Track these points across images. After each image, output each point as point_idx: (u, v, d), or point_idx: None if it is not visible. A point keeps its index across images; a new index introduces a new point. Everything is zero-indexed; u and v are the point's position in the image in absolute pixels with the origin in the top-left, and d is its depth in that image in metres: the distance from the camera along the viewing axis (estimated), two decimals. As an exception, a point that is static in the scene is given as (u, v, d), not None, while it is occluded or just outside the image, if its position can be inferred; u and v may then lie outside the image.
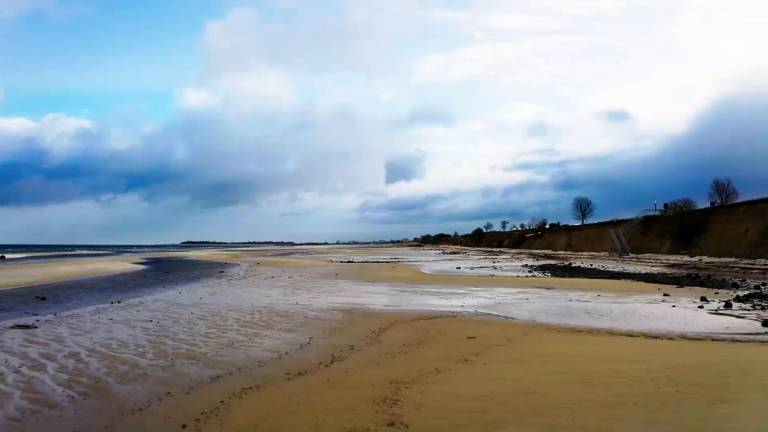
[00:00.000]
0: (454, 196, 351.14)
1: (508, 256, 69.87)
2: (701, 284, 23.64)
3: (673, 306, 16.40)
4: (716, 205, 52.34)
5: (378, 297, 20.33)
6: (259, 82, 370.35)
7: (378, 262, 57.42)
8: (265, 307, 17.54)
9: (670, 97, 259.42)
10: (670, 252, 50.24)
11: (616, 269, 36.60)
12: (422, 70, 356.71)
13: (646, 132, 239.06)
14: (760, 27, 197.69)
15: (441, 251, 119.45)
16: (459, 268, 41.52)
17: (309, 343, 10.83)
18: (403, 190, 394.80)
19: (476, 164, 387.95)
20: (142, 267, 53.08)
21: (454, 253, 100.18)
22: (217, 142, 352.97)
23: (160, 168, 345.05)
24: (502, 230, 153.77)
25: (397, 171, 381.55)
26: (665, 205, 62.52)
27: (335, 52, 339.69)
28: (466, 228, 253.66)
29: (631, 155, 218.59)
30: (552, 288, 22.48)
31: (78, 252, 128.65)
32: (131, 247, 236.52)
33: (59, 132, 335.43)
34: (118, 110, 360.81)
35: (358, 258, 71.04)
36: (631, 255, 54.15)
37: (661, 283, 24.90)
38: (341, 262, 57.87)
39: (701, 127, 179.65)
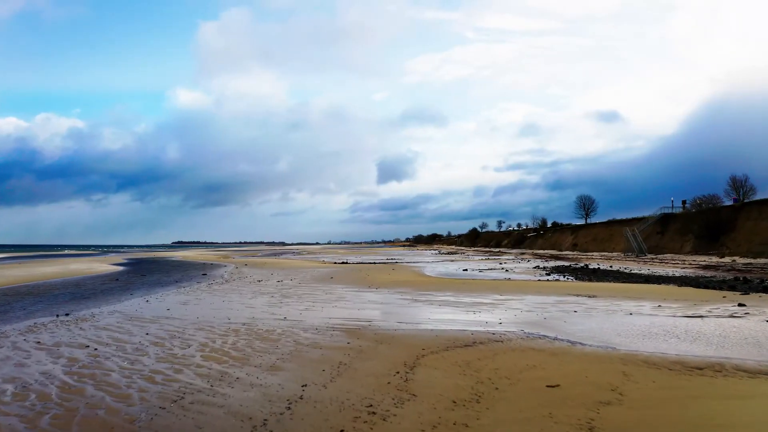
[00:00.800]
0: (445, 196, 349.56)
1: (511, 257, 66.23)
2: (765, 290, 20.00)
3: (772, 322, 12.66)
4: (738, 202, 48.86)
5: (386, 308, 16.45)
6: (252, 83, 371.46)
7: (374, 263, 53.53)
8: (244, 324, 13.62)
9: (661, 98, 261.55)
10: (693, 252, 46.71)
11: (643, 271, 32.96)
12: (415, 71, 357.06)
13: (638, 132, 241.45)
14: (751, 28, 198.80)
15: (437, 251, 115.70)
16: (466, 270, 37.73)
17: (301, 397, 6.94)
18: (395, 190, 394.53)
19: (468, 164, 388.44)
20: (121, 268, 49.27)
21: (451, 253, 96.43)
22: (210, 142, 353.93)
23: (152, 168, 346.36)
24: (498, 230, 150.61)
25: (389, 171, 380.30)
26: (683, 201, 58.96)
27: (328, 52, 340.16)
28: (458, 228, 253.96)
29: (622, 156, 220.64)
30: (594, 296, 18.71)
31: (64, 252, 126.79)
32: (121, 247, 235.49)
33: (51, 132, 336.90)
34: (111, 110, 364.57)
35: (352, 259, 67.10)
36: (648, 255, 50.59)
37: (712, 288, 21.27)
38: (335, 263, 53.92)
39: (693, 127, 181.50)
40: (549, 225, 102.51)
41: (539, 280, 27.47)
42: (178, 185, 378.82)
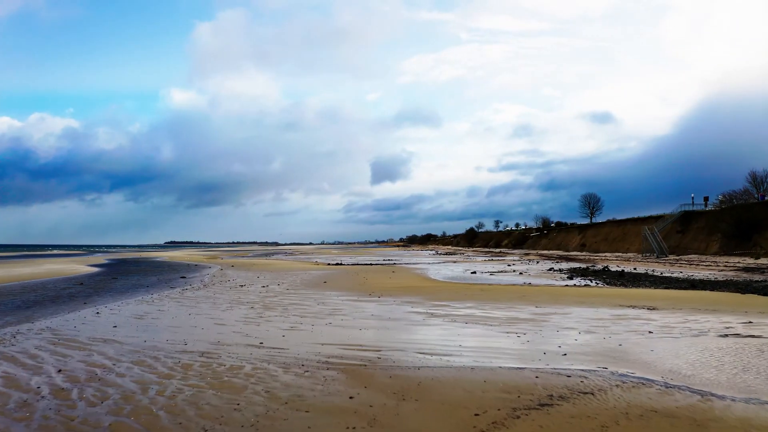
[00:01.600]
0: (439, 196, 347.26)
1: (515, 258, 62.48)
2: None
3: None
4: (765, 198, 45.27)
5: (397, 327, 12.61)
6: (246, 83, 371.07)
7: (371, 264, 49.67)
8: (202, 354, 9.77)
9: (654, 99, 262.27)
10: (720, 253, 43.06)
11: (676, 275, 29.31)
12: (409, 71, 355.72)
13: (631, 133, 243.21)
14: (743, 30, 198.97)
15: (434, 252, 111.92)
16: (474, 272, 33.94)
17: None
18: (388, 190, 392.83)
19: (461, 165, 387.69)
20: (96, 270, 45.42)
21: (449, 253, 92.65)
22: (204, 142, 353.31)
23: (146, 168, 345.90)
24: (496, 230, 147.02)
25: (383, 171, 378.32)
26: (705, 198, 55.09)
27: (323, 53, 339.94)
28: (452, 228, 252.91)
29: (615, 156, 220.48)
30: (653, 308, 14.98)
31: (52, 252, 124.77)
32: (113, 247, 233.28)
33: (45, 132, 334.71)
34: (105, 110, 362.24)
35: (346, 260, 63.19)
36: (670, 257, 46.93)
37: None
38: (329, 264, 50.02)
39: (685, 128, 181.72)
40: (552, 224, 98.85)
41: (566, 285, 23.71)
42: (172, 185, 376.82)
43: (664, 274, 29.52)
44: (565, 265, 41.91)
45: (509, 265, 43.06)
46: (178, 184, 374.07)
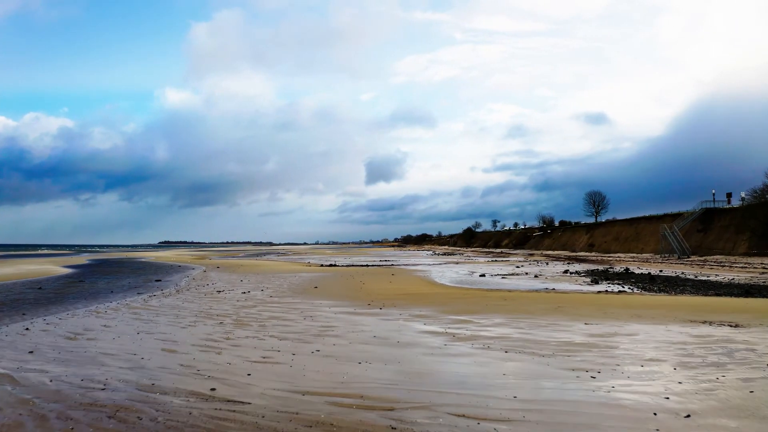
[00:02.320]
0: (433, 196, 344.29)
1: (520, 258, 59.09)
2: None
3: None
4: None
5: (410, 359, 9.13)
6: (242, 83, 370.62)
7: (367, 265, 46.22)
8: (115, 411, 6.30)
9: (648, 99, 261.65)
10: (749, 253, 39.78)
11: (713, 278, 26.01)
12: (403, 71, 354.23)
13: (625, 134, 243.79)
14: (737, 31, 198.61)
15: (431, 252, 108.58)
16: (483, 275, 30.52)
17: None
18: (383, 190, 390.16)
19: (456, 165, 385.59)
20: (70, 271, 42.21)
21: (448, 254, 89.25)
22: (199, 142, 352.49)
23: (141, 168, 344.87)
24: (494, 229, 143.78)
25: (378, 171, 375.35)
26: (728, 195, 51.38)
27: (318, 53, 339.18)
28: (446, 228, 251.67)
29: (610, 157, 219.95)
30: (735, 324, 11.61)
31: (39, 252, 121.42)
32: (105, 246, 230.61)
33: (39, 131, 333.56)
34: (100, 110, 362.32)
35: (341, 260, 59.68)
36: (692, 257, 43.56)
37: None
38: (322, 266, 46.53)
39: (679, 129, 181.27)
40: (555, 224, 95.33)
41: (599, 292, 20.34)
42: (166, 185, 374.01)
43: (698, 278, 26.21)
44: (578, 267, 38.59)
45: (518, 267, 39.68)
46: (173, 183, 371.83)
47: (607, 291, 20.58)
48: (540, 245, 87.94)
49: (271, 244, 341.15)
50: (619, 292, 20.29)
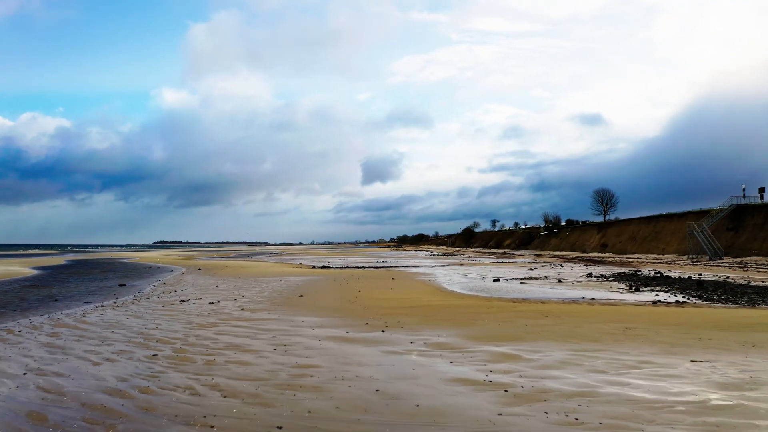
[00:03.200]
0: (429, 197, 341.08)
1: (527, 260, 55.04)
2: None
3: None
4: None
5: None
6: (239, 84, 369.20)
7: (363, 267, 42.16)
8: None
9: (644, 100, 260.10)
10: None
11: (770, 284, 22.06)
12: (399, 71, 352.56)
13: (621, 134, 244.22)
14: (733, 32, 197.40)
15: (430, 252, 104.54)
16: (498, 280, 26.49)
17: None
18: (379, 190, 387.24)
19: (452, 165, 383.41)
20: (35, 273, 38.84)
21: (447, 255, 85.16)
22: (196, 142, 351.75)
23: (137, 168, 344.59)
24: (493, 229, 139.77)
25: (374, 172, 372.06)
26: (761, 189, 47.02)
27: (315, 54, 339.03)
28: (443, 229, 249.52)
29: (605, 157, 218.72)
30: None
31: (24, 252, 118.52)
32: (98, 246, 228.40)
33: (36, 131, 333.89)
34: (98, 110, 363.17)
35: (335, 261, 55.56)
36: (725, 258, 39.56)
37: None
38: (314, 267, 42.45)
39: (675, 130, 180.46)
40: (563, 223, 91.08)
41: (653, 303, 16.34)
42: (163, 185, 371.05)
43: (752, 283, 22.27)
44: (599, 269, 34.65)
45: (531, 270, 35.68)
46: (169, 183, 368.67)
47: (660, 302, 16.60)
48: (546, 245, 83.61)
49: (266, 244, 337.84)
50: (678, 302, 16.31)
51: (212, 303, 17.29)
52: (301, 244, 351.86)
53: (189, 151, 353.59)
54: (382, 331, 11.17)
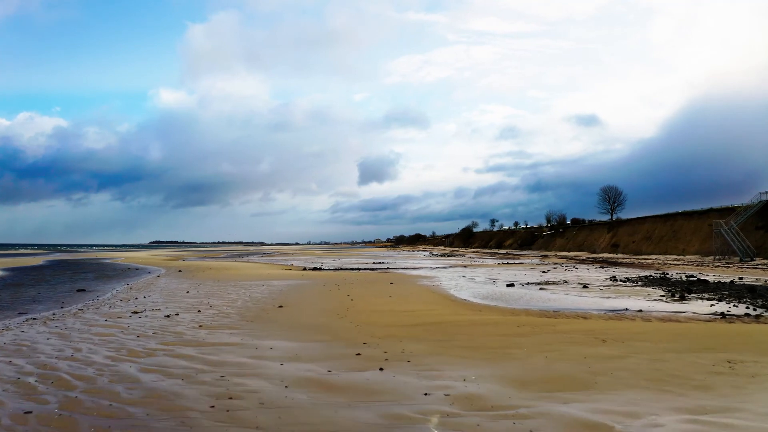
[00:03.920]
0: (426, 197, 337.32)
1: (534, 261, 51.66)
2: None
3: None
4: None
5: None
6: (236, 84, 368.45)
7: (359, 269, 38.76)
8: None
9: (640, 101, 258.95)
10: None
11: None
12: (396, 72, 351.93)
13: (617, 135, 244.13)
14: (729, 33, 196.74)
15: (428, 253, 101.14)
16: (512, 285, 23.10)
17: None
18: (376, 191, 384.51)
19: (449, 166, 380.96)
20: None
21: (447, 255, 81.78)
22: (193, 142, 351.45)
23: (134, 168, 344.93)
24: (492, 229, 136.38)
25: (371, 172, 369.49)
26: None
27: (313, 54, 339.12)
28: (439, 229, 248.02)
29: (601, 158, 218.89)
30: None
31: (8, 252, 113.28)
32: (93, 246, 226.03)
33: (33, 131, 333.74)
34: (95, 110, 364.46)
35: (328, 262, 52.11)
36: (756, 259, 36.19)
37: None
38: (304, 269, 39.03)
39: (671, 130, 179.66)
40: (568, 222, 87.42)
41: (722, 316, 12.99)
42: (159, 185, 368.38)
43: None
44: (620, 272, 31.28)
45: (544, 273, 32.30)
46: (166, 183, 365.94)
47: (726, 314, 13.26)
48: (551, 246, 79.98)
49: (262, 244, 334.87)
50: (751, 316, 12.96)
51: (168, 316, 13.85)
52: (297, 244, 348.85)
53: (186, 151, 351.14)
54: (381, 369, 7.75)
